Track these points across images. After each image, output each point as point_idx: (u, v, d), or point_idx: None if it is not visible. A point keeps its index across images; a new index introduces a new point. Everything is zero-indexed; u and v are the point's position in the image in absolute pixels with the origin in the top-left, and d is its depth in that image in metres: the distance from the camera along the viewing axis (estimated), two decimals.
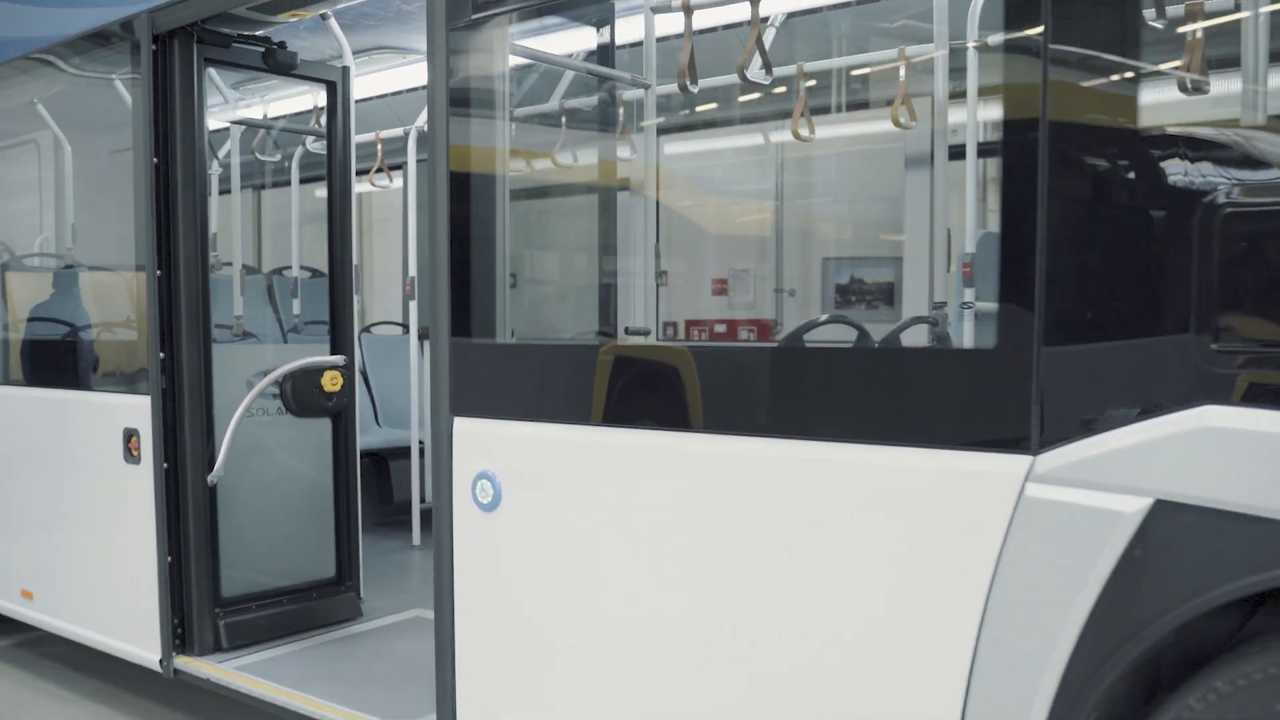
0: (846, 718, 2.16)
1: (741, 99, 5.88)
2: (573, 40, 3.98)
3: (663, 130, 6.50)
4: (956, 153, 3.82)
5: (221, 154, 5.94)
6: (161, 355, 3.75)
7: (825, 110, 5.79)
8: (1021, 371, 1.92)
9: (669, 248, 8.32)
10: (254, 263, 8.02)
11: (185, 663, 3.80)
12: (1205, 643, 1.92)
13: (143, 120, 3.70)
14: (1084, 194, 1.87)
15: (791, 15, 4.18)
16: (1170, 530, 1.80)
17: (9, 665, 4.87)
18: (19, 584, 4.53)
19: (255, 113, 5.87)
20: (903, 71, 3.67)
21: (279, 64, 3.98)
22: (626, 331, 3.64)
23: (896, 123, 3.55)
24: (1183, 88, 2.55)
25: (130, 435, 3.84)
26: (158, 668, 3.86)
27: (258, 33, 3.92)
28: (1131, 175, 1.84)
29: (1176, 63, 2.09)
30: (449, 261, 2.79)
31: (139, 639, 3.92)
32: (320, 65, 4.24)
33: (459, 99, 2.79)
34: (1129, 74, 1.89)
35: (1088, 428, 1.87)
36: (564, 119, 4.43)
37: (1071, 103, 1.88)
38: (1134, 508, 1.82)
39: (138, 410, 3.81)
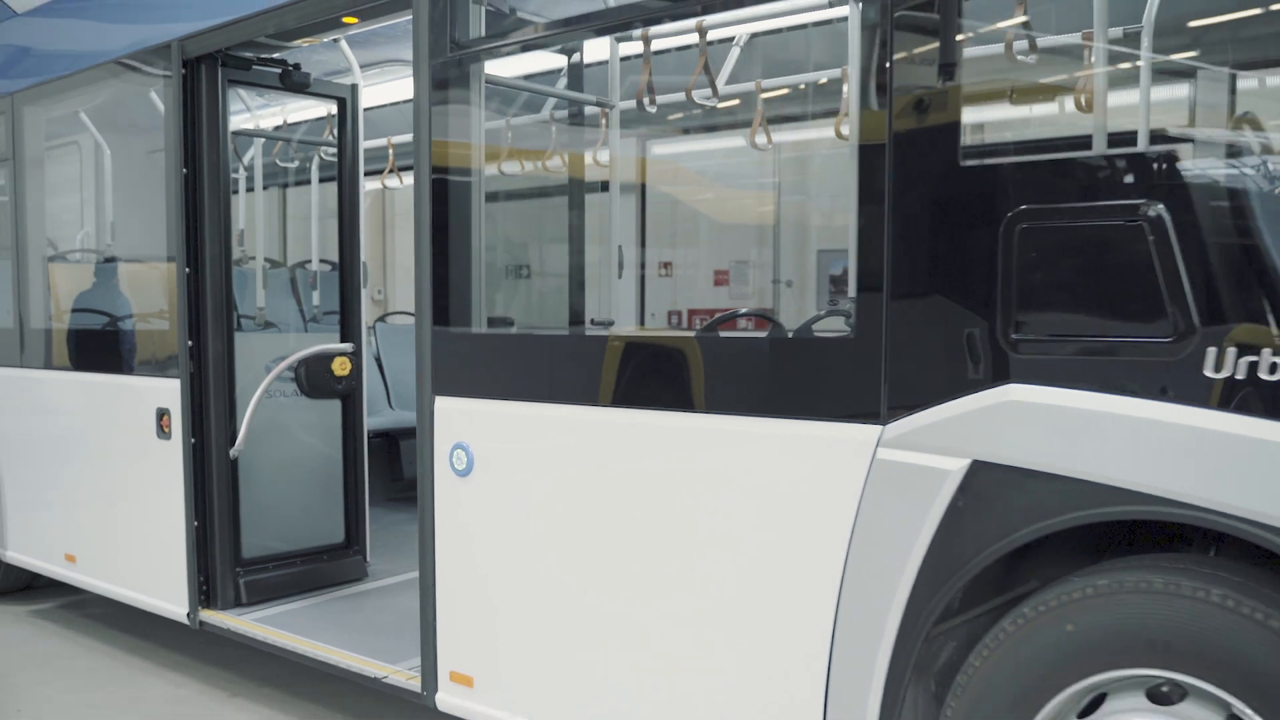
0: (748, 630, 2.61)
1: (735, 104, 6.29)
2: (554, 59, 4.42)
3: (656, 135, 6.92)
4: None
5: (246, 158, 6.43)
6: (190, 343, 4.24)
7: (833, 113, 6.17)
8: (874, 356, 2.36)
9: (675, 240, 8.77)
10: (279, 257, 8.53)
11: (210, 615, 4.30)
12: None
13: (174, 135, 4.20)
14: (920, 213, 2.30)
15: (755, 35, 4.58)
16: (984, 484, 2.23)
17: (53, 624, 5.42)
18: (63, 549, 5.05)
19: (277, 117, 6.35)
20: (845, 87, 4.07)
21: (294, 84, 4.46)
22: (592, 323, 4.10)
23: (839, 134, 3.96)
24: (1078, 105, 2.99)
25: (162, 414, 4.34)
26: (185, 620, 4.36)
27: (275, 55, 4.39)
28: (956, 197, 2.27)
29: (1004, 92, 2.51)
30: (430, 260, 3.25)
31: (169, 596, 4.43)
32: (331, 84, 4.71)
33: (439, 118, 3.25)
34: (961, 107, 2.31)
35: (923, 402, 2.30)
36: (553, 129, 4.88)
37: (912, 134, 2.31)
38: (956, 466, 2.25)
39: (169, 392, 4.31)
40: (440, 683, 3.33)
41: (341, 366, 4.58)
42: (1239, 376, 1.96)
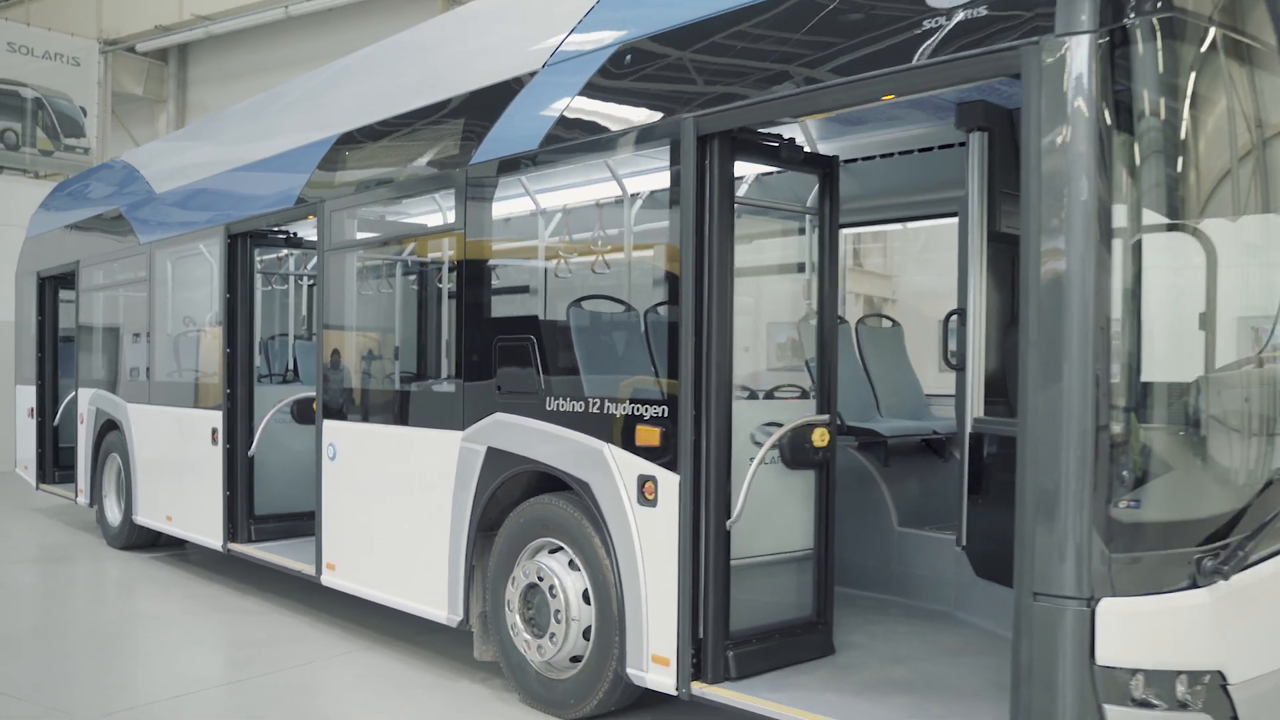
0: (427, 525, 5.63)
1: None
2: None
3: None
4: None
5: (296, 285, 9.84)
6: (228, 390, 7.54)
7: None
8: (459, 397, 5.39)
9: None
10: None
11: (233, 546, 7.54)
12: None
13: (220, 278, 7.55)
14: (475, 335, 5.33)
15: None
16: (492, 457, 5.21)
17: (163, 563, 8.82)
18: (165, 513, 8.44)
19: None
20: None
21: (295, 243, 7.78)
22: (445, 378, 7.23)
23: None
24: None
25: (214, 431, 7.64)
26: (221, 549, 7.62)
27: (283, 227, 7.70)
28: (486, 329, 5.27)
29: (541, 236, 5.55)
30: (319, 350, 6.43)
31: (212, 535, 7.70)
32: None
33: (327, 273, 6.44)
34: (491, 284, 5.34)
35: (473, 420, 5.31)
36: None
37: (471, 297, 5.35)
38: (483, 449, 5.26)
39: (217, 418, 7.61)
40: (322, 569, 6.46)
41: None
42: (561, 410, 4.91)
